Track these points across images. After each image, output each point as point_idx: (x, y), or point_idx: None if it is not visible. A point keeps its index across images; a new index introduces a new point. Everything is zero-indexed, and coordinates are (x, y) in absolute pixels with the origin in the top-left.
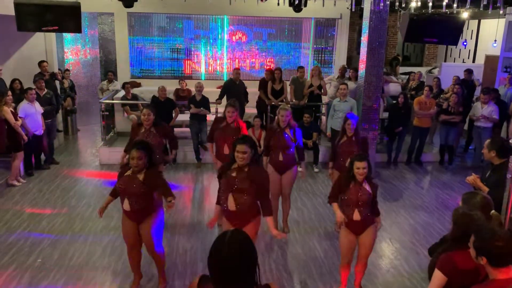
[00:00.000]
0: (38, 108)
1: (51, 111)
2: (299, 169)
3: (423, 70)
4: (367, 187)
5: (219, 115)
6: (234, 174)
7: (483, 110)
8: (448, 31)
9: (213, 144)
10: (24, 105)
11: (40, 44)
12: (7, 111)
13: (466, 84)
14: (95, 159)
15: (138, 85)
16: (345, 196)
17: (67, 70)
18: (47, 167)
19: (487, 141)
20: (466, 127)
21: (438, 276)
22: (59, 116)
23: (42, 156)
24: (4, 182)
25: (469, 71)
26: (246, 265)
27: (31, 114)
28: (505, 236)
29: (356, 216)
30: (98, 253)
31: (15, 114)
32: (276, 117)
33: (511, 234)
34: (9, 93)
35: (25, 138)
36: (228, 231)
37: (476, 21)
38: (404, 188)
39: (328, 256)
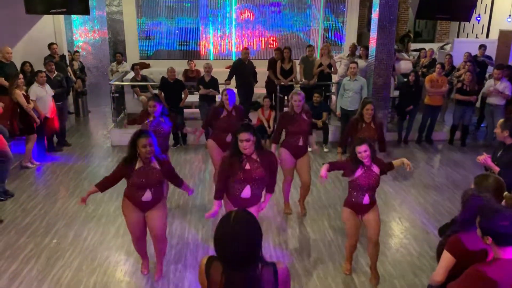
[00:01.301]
0: (48, 91)
1: (61, 93)
2: (310, 149)
3: (435, 46)
4: (374, 169)
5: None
6: (248, 167)
7: (496, 85)
8: (460, 7)
9: (203, 131)
10: (34, 88)
11: (49, 26)
12: (19, 94)
13: (478, 60)
14: (106, 140)
15: (147, 66)
16: (355, 180)
17: (77, 52)
18: (59, 149)
19: (500, 120)
20: (478, 104)
21: (447, 257)
22: (70, 98)
23: (55, 139)
24: (18, 164)
25: (481, 48)
26: (252, 243)
27: (42, 97)
28: (509, 215)
29: (366, 200)
30: (112, 233)
31: (26, 97)
32: (290, 103)
33: None
34: (21, 76)
35: (37, 120)
36: (232, 210)
37: None
38: (414, 166)
39: (337, 235)
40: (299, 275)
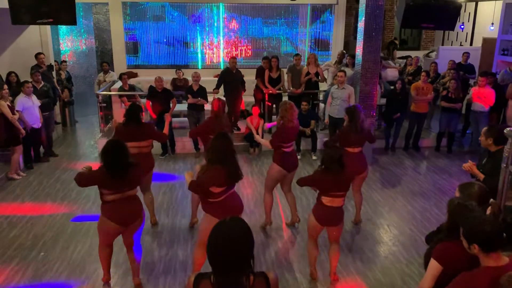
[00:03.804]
0: (35, 101)
1: (48, 103)
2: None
3: (420, 53)
4: None
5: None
6: None
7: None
8: (445, 16)
9: None
10: (21, 99)
11: (35, 36)
12: (4, 105)
13: (462, 67)
14: (94, 150)
15: (135, 75)
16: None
17: (64, 61)
18: (46, 159)
19: (485, 128)
20: (463, 111)
21: (434, 265)
22: (57, 108)
23: (41, 149)
24: (4, 176)
25: (464, 55)
26: (245, 251)
27: (28, 108)
28: (490, 220)
29: None
30: None
31: (12, 108)
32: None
33: (498, 219)
34: (5, 86)
35: (23, 132)
36: (226, 218)
37: (474, 3)
38: (402, 174)
39: (326, 244)
40: (288, 284)
